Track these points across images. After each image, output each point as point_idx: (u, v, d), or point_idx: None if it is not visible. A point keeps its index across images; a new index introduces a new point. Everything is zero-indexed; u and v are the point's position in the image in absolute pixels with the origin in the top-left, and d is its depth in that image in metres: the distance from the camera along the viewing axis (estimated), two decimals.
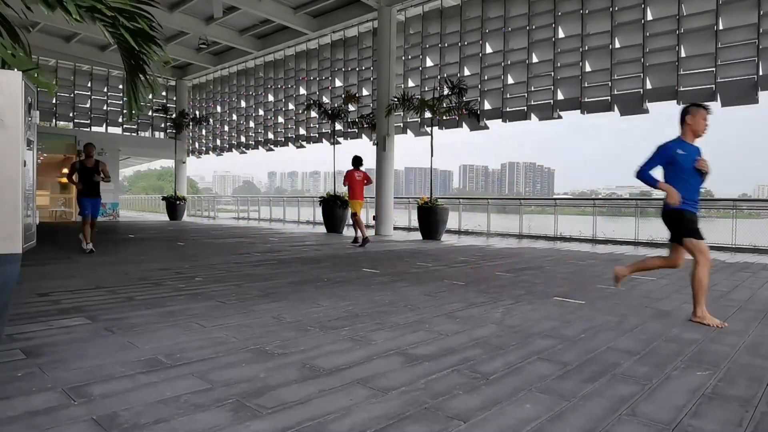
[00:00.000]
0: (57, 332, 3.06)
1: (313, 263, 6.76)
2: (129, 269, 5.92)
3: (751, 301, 4.42)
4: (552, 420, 1.91)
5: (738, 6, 9.41)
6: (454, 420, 1.89)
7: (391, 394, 2.15)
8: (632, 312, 3.88)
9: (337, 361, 2.58)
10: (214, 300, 4.13)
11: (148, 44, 3.51)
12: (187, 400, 2.03)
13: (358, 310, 3.83)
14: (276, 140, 19.32)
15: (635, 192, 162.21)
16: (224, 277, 5.42)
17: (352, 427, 1.82)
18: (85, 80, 20.31)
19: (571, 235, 12.31)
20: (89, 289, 4.53)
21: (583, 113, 11.27)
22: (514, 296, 4.50)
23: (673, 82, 10.03)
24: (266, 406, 1.99)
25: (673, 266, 3.85)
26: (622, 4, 10.61)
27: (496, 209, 15.39)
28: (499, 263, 7.07)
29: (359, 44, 15.58)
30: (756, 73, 9.19)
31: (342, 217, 13.57)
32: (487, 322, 3.49)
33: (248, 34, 17.31)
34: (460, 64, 13.07)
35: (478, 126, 12.76)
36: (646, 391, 2.22)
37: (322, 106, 14.64)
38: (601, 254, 8.67)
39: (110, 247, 8.87)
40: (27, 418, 1.85)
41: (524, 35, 12.00)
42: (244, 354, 2.68)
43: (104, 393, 2.10)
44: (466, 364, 2.57)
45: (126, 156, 23.12)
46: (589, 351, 2.83)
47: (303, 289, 4.70)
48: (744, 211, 11.13)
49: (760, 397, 2.17)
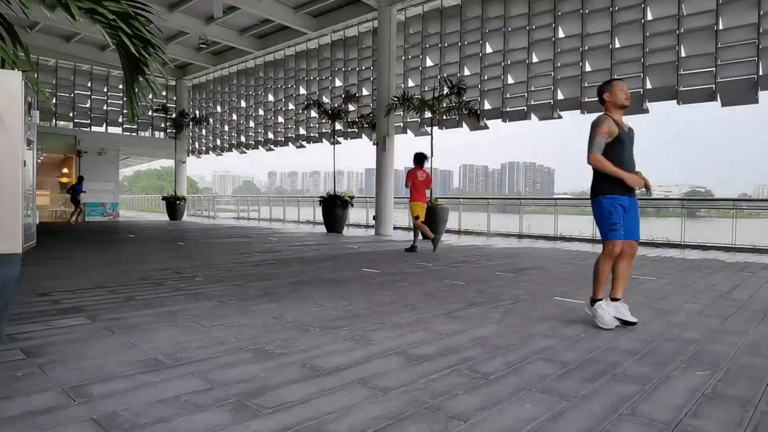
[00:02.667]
0: (57, 332, 3.06)
1: (313, 263, 6.76)
2: (129, 269, 5.92)
3: (751, 301, 4.42)
4: (552, 420, 1.91)
5: (738, 6, 9.40)
6: (454, 420, 1.89)
7: (391, 393, 2.15)
8: (632, 312, 3.87)
9: (337, 361, 2.57)
10: (214, 300, 4.13)
11: (146, 47, 3.51)
12: (187, 400, 2.03)
13: (358, 310, 3.83)
14: (276, 140, 19.31)
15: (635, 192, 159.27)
16: (224, 277, 5.42)
17: (352, 427, 1.82)
18: (85, 80, 20.30)
19: (571, 235, 12.31)
20: (89, 289, 4.53)
21: (584, 113, 11.26)
22: (514, 296, 4.50)
23: (673, 82, 10.03)
24: (266, 406, 1.99)
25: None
26: (622, 4, 10.61)
27: (496, 209, 15.39)
28: (499, 263, 7.07)
29: (359, 44, 15.58)
30: (756, 73, 9.18)
31: (342, 217, 13.57)
32: (487, 322, 3.49)
33: (248, 33, 17.30)
34: (460, 63, 13.07)
35: (478, 126, 12.75)
36: (646, 391, 2.22)
37: (322, 106, 14.65)
38: None
39: (110, 247, 8.87)
40: (27, 418, 1.85)
41: (524, 35, 11.99)
42: (244, 354, 2.67)
43: (104, 393, 2.10)
44: (466, 363, 2.57)
45: (126, 156, 23.12)
46: (589, 351, 2.83)
47: (303, 289, 4.70)
48: (744, 211, 11.13)
49: (760, 397, 2.17)
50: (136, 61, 3.70)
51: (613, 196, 3.44)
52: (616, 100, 3.52)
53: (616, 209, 3.42)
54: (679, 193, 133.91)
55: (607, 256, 3.46)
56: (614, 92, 3.52)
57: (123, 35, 3.29)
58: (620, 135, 3.45)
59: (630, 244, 3.51)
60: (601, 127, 3.42)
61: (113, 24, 3.24)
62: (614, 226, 3.41)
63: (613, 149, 3.44)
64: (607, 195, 3.45)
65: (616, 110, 3.55)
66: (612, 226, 3.42)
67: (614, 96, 3.52)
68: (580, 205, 19.11)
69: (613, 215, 3.43)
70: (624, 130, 3.51)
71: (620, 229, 3.41)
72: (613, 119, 3.48)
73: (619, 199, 3.44)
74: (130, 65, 3.78)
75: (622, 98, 3.52)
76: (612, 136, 3.43)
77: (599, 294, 3.48)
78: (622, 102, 3.53)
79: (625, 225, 3.45)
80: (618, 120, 3.53)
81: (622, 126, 3.51)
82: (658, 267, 6.85)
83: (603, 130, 3.42)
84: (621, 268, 3.54)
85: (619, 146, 3.45)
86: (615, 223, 3.41)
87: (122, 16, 3.23)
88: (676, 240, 10.71)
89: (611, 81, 3.60)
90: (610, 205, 3.44)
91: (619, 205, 3.44)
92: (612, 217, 3.43)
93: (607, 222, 3.44)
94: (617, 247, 3.41)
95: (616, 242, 3.41)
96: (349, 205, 13.68)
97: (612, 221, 3.43)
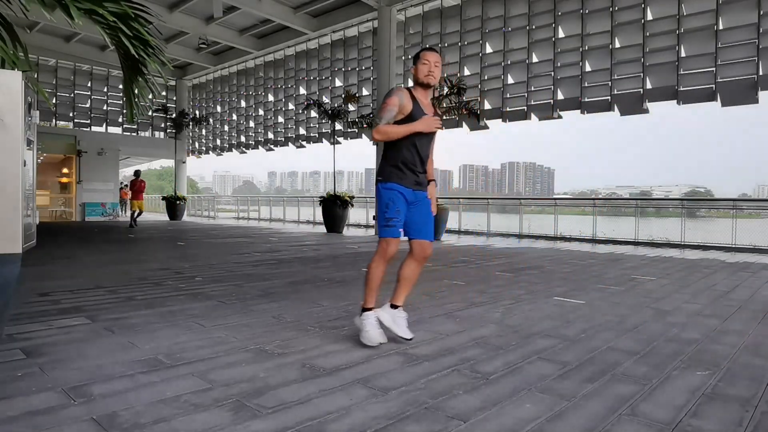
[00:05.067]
0: (57, 332, 3.06)
1: (313, 263, 6.76)
2: (129, 269, 5.92)
3: (751, 301, 4.42)
4: (552, 420, 1.91)
5: (738, 6, 9.41)
6: (454, 420, 1.89)
7: (391, 393, 2.15)
8: (632, 312, 3.88)
9: (337, 361, 2.58)
10: (214, 300, 4.13)
11: (145, 48, 3.51)
12: (187, 400, 2.03)
13: (358, 310, 3.82)
14: (276, 140, 19.32)
15: (635, 192, 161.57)
16: (224, 277, 5.42)
17: (351, 427, 1.82)
18: (85, 80, 20.32)
19: (571, 235, 12.31)
20: (89, 289, 4.53)
21: (583, 113, 11.28)
22: (514, 296, 4.50)
23: (673, 82, 10.04)
24: (266, 406, 1.99)
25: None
26: (622, 4, 10.61)
27: (496, 209, 15.39)
28: (499, 263, 7.07)
29: (359, 44, 15.58)
30: (756, 73, 9.19)
31: (342, 217, 13.58)
32: (487, 322, 3.49)
33: (248, 33, 17.31)
34: (460, 63, 13.07)
35: (478, 126, 12.76)
36: (646, 391, 2.22)
37: (322, 106, 14.65)
38: (601, 254, 8.67)
39: (110, 247, 8.87)
40: (27, 418, 1.85)
41: (524, 35, 12.00)
42: (244, 354, 2.68)
43: (104, 393, 2.10)
44: (466, 363, 2.57)
45: (126, 156, 23.11)
46: (589, 351, 2.83)
47: (303, 289, 4.70)
48: (744, 211, 11.13)
49: (760, 397, 2.17)
50: (135, 62, 3.70)
51: (392, 185, 2.86)
52: (416, 74, 2.89)
53: (394, 202, 2.84)
54: (679, 193, 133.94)
55: (380, 256, 2.87)
56: (417, 65, 2.88)
57: (122, 36, 3.29)
58: (414, 116, 2.82)
59: (421, 245, 2.93)
60: (391, 97, 2.79)
61: (113, 25, 3.24)
62: (389, 221, 2.84)
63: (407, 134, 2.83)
64: (386, 182, 2.88)
65: (420, 88, 2.92)
66: (386, 221, 2.85)
67: (416, 70, 2.89)
68: (580, 205, 19.11)
69: (389, 208, 2.85)
70: (423, 114, 2.86)
71: (396, 226, 2.84)
72: (413, 95, 2.86)
73: (399, 188, 2.85)
74: (130, 66, 3.78)
75: (421, 73, 2.86)
76: (404, 113, 2.81)
77: (369, 302, 2.91)
78: (421, 79, 2.87)
79: (413, 222, 2.92)
80: (420, 98, 2.89)
81: (422, 107, 2.87)
82: (658, 267, 6.85)
83: (393, 101, 2.78)
84: (407, 272, 2.95)
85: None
86: (390, 218, 2.84)
87: (122, 17, 3.24)
88: (676, 240, 10.72)
89: (421, 50, 2.91)
90: (387, 196, 2.87)
91: (400, 196, 2.85)
92: (388, 210, 2.85)
93: (382, 215, 2.88)
94: (391, 247, 2.84)
95: (389, 240, 2.84)
96: (349, 205, 13.68)
97: (387, 215, 2.85)
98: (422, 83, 2.88)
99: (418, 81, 2.88)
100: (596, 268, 6.59)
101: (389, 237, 2.84)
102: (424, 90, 2.92)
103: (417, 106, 2.84)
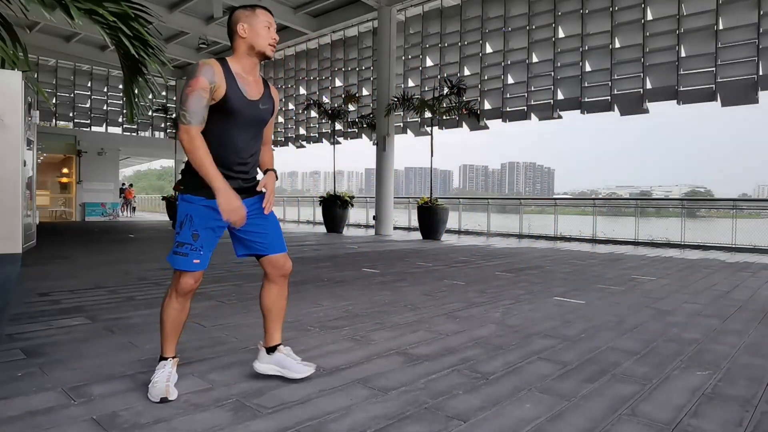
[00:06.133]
0: (57, 332, 3.06)
1: (313, 263, 6.76)
2: (129, 269, 5.92)
3: (751, 301, 4.42)
4: (552, 420, 1.91)
5: (738, 6, 9.41)
6: (454, 420, 1.89)
7: (391, 393, 2.15)
8: (632, 312, 3.88)
9: (337, 361, 2.58)
10: (214, 300, 4.13)
11: (145, 48, 3.51)
12: (187, 400, 2.03)
13: (358, 310, 3.83)
14: (276, 140, 19.33)
15: (635, 192, 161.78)
16: (224, 277, 5.42)
17: (351, 427, 1.82)
18: (85, 80, 20.31)
19: (571, 235, 12.31)
20: (89, 289, 4.53)
21: (583, 113, 11.28)
22: (514, 296, 4.50)
23: (673, 82, 10.04)
24: (266, 406, 1.99)
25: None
26: (622, 4, 10.62)
27: (496, 209, 15.40)
28: (499, 263, 7.07)
29: (359, 44, 15.59)
30: (756, 73, 9.19)
31: (342, 217, 13.58)
32: (487, 322, 3.49)
33: None
34: (460, 64, 13.08)
35: (478, 126, 12.76)
36: (646, 391, 2.22)
37: (322, 106, 14.66)
38: (601, 254, 8.67)
39: (110, 247, 8.87)
40: (27, 418, 1.85)
41: (524, 35, 12.00)
42: (244, 354, 2.68)
43: (104, 393, 2.10)
44: (466, 363, 2.57)
45: (126, 156, 23.14)
46: (589, 351, 2.83)
47: (303, 289, 4.70)
48: (744, 211, 11.13)
49: (760, 397, 2.17)
50: (135, 62, 3.71)
51: (191, 197, 2.02)
52: (251, 39, 2.02)
53: (192, 221, 2.01)
54: (679, 193, 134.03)
55: (173, 291, 2.08)
56: (249, 24, 2.01)
57: (122, 36, 3.29)
58: (230, 100, 1.97)
59: (273, 261, 2.19)
60: (197, 77, 1.89)
61: (113, 25, 3.24)
62: (180, 246, 2.01)
63: (217, 124, 1.99)
64: (185, 193, 2.04)
65: (247, 57, 2.05)
66: (178, 246, 2.01)
67: (249, 31, 2.01)
68: (580, 205, 19.10)
69: (183, 229, 2.02)
70: (245, 97, 2.01)
71: (190, 255, 2.00)
72: (229, 69, 2.00)
73: (203, 202, 2.01)
74: (130, 66, 3.79)
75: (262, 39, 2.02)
76: (216, 98, 1.95)
77: (166, 350, 2.14)
78: (261, 47, 2.03)
79: (252, 235, 2.15)
80: (242, 74, 2.03)
81: (243, 87, 2.02)
82: (658, 267, 6.85)
83: (200, 82, 1.89)
84: (269, 301, 2.25)
85: (226, 120, 2.00)
86: (182, 243, 2.00)
87: (122, 17, 3.24)
88: (676, 240, 10.72)
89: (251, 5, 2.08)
90: (183, 211, 2.03)
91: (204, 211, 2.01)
92: (180, 232, 2.02)
93: (176, 237, 2.03)
94: (187, 281, 2.03)
95: (183, 274, 2.03)
96: (349, 205, 13.68)
97: (179, 238, 2.01)
98: (261, 53, 2.05)
99: (255, 49, 2.03)
100: (596, 268, 6.59)
101: (183, 270, 2.02)
102: (251, 61, 2.06)
103: (235, 87, 1.99)
